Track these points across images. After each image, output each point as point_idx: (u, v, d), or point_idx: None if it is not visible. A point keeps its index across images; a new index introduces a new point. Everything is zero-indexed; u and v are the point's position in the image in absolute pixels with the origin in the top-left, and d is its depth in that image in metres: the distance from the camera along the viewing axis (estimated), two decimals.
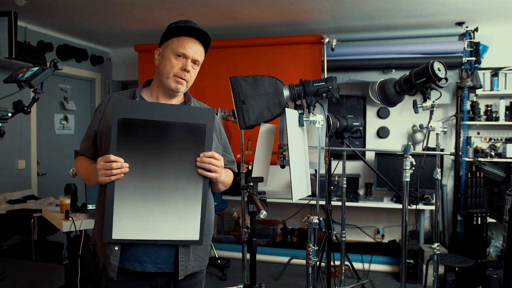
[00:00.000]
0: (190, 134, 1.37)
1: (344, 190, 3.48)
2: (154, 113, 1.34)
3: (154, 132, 1.34)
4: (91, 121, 1.59)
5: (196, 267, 1.53)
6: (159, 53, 1.54)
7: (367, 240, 4.61)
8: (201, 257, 1.55)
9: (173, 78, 1.50)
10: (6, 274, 2.62)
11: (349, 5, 3.44)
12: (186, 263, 1.48)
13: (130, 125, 1.33)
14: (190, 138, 1.37)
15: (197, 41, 1.52)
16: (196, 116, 1.37)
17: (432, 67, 2.28)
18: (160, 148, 1.36)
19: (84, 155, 1.56)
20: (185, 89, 1.56)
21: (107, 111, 1.52)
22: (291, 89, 2.36)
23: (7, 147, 3.81)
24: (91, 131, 1.54)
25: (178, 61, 1.49)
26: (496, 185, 4.01)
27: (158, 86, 1.55)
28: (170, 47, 1.50)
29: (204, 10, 3.59)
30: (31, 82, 1.42)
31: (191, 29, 1.49)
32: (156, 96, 1.55)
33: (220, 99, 4.12)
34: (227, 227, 5.07)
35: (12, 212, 3.33)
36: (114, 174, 1.32)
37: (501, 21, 3.87)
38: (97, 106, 1.59)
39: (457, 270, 3.30)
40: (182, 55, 1.49)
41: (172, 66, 1.49)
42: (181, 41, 1.49)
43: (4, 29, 3.17)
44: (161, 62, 1.51)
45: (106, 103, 1.55)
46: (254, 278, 1.77)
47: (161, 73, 1.51)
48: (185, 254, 1.47)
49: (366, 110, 4.61)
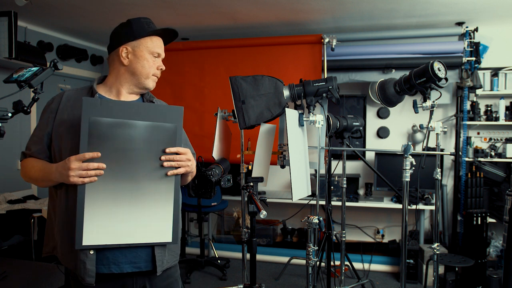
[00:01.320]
0: (160, 135, 1.36)
1: (344, 190, 3.48)
2: (123, 113, 1.32)
3: (124, 133, 1.32)
4: (40, 121, 1.49)
5: (171, 262, 1.54)
6: (127, 51, 1.49)
7: (367, 240, 4.61)
8: (174, 252, 1.56)
9: (152, 77, 1.53)
10: (6, 274, 2.62)
11: (349, 5, 3.44)
12: (163, 259, 1.48)
13: (100, 125, 1.29)
14: (160, 139, 1.36)
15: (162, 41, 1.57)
16: (165, 115, 1.37)
17: (432, 67, 2.28)
18: (131, 149, 1.33)
19: (36, 157, 1.46)
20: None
21: (61, 109, 1.45)
22: (291, 89, 2.36)
23: (7, 147, 3.81)
24: (43, 133, 1.45)
25: (155, 61, 1.52)
26: (496, 185, 4.01)
27: (123, 83, 1.51)
28: (145, 46, 1.49)
29: (204, 10, 3.59)
30: (31, 82, 1.42)
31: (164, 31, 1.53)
32: (117, 92, 1.51)
33: (220, 99, 4.12)
34: (227, 227, 5.07)
35: (12, 212, 3.33)
36: (90, 175, 1.28)
37: (501, 21, 3.87)
38: (46, 105, 1.50)
39: (457, 270, 3.30)
40: (157, 55, 1.53)
41: (151, 66, 1.51)
42: (155, 41, 1.52)
43: (4, 29, 3.17)
44: (137, 62, 1.49)
45: (58, 101, 1.47)
46: (254, 278, 1.77)
47: (139, 73, 1.49)
48: (162, 249, 1.47)
49: (366, 110, 4.61)
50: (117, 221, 1.34)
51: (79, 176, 1.28)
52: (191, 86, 4.38)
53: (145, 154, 1.35)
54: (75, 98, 1.47)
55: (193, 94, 4.38)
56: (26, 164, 1.47)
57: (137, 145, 1.34)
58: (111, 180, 1.32)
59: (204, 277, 3.99)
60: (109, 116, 1.30)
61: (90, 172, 1.28)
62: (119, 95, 1.51)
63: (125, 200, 1.34)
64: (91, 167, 1.28)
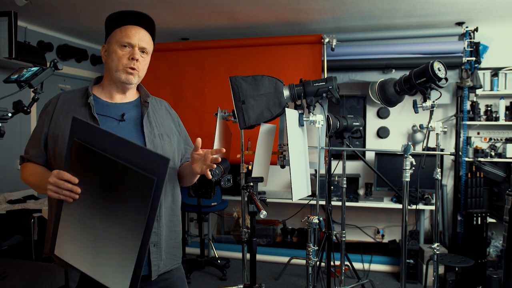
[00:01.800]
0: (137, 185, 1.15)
1: (344, 190, 3.48)
2: (105, 144, 1.18)
3: (102, 166, 1.19)
4: (37, 123, 1.47)
5: (170, 265, 1.50)
6: (105, 49, 1.46)
7: (367, 240, 4.61)
8: (173, 255, 1.51)
9: (123, 70, 1.41)
10: (6, 274, 2.61)
11: (349, 5, 3.44)
12: (159, 262, 1.43)
13: (83, 150, 1.22)
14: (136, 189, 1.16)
15: (142, 28, 1.45)
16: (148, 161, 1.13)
17: (432, 67, 2.28)
18: (107, 185, 1.20)
19: (34, 161, 1.44)
20: (137, 80, 1.47)
21: (56, 112, 1.43)
22: (291, 89, 2.37)
23: (7, 147, 3.81)
24: (40, 135, 1.43)
25: (124, 51, 1.41)
26: (496, 185, 4.01)
27: (110, 82, 1.47)
28: (114, 39, 1.43)
29: (204, 10, 3.59)
30: (31, 82, 1.42)
31: (131, 14, 1.41)
32: (109, 92, 1.47)
33: (220, 99, 4.12)
34: (227, 227, 5.07)
35: (12, 212, 3.33)
36: (63, 194, 1.21)
37: (501, 21, 3.87)
38: (43, 107, 1.48)
39: (457, 270, 3.30)
40: (127, 45, 1.41)
41: (119, 58, 1.40)
42: (124, 31, 1.42)
43: (4, 29, 3.17)
44: (108, 57, 1.43)
45: (54, 104, 1.45)
46: (254, 278, 1.77)
47: (110, 68, 1.43)
48: (157, 254, 1.43)
49: (366, 110, 4.61)
50: (82, 248, 1.26)
51: (54, 191, 1.22)
52: (191, 86, 4.37)
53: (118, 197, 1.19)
54: (71, 100, 1.45)
55: (193, 94, 4.38)
56: (25, 169, 1.45)
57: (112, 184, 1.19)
58: (84, 207, 1.23)
59: (204, 277, 3.99)
60: (91, 143, 1.20)
61: (64, 192, 1.21)
62: (112, 95, 1.48)
63: (92, 232, 1.23)
64: (64, 187, 1.20)
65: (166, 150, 1.48)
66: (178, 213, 1.56)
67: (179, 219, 1.57)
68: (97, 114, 1.41)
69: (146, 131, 1.45)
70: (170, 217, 1.51)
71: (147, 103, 1.51)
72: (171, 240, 1.51)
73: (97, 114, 1.41)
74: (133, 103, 1.52)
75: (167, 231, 1.48)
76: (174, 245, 1.52)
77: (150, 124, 1.48)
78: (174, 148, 1.54)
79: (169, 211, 1.50)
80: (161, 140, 1.48)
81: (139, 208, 1.15)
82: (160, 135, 1.49)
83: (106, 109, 1.45)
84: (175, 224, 1.53)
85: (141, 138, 1.44)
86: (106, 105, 1.46)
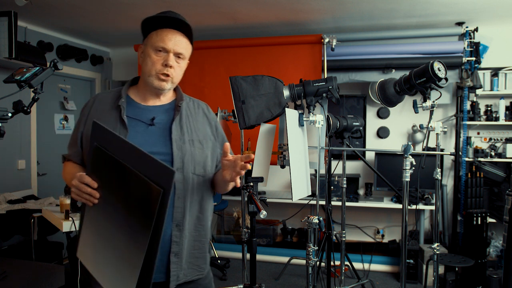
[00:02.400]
0: (144, 194, 1.13)
1: (344, 190, 3.48)
2: (119, 151, 1.19)
3: (116, 172, 1.20)
4: (76, 123, 1.49)
5: (191, 276, 1.42)
6: (141, 50, 1.43)
7: (367, 240, 4.61)
8: (196, 265, 1.44)
9: (156, 75, 1.37)
10: (6, 274, 2.61)
11: (349, 5, 3.44)
12: (178, 272, 1.37)
13: (101, 155, 1.23)
14: (143, 199, 1.13)
15: (179, 32, 1.39)
16: (156, 172, 1.10)
17: (432, 67, 2.28)
18: (118, 192, 1.20)
19: (72, 160, 1.47)
20: (171, 86, 1.43)
21: (92, 112, 1.43)
22: (291, 89, 2.37)
23: (7, 147, 3.81)
24: (77, 134, 1.44)
25: (159, 56, 1.37)
26: (496, 185, 4.01)
27: (144, 84, 1.44)
28: (150, 42, 1.38)
29: (204, 10, 3.59)
30: (31, 82, 1.42)
31: (168, 19, 1.36)
32: (144, 95, 1.45)
33: (220, 99, 4.12)
34: (227, 227, 5.07)
35: (12, 212, 3.33)
36: (83, 197, 1.23)
37: (501, 21, 3.87)
38: (83, 106, 1.49)
39: (457, 270, 3.30)
40: (162, 49, 1.36)
41: (153, 62, 1.36)
42: (159, 34, 1.37)
43: (4, 29, 3.17)
44: (143, 60, 1.40)
45: (91, 104, 1.45)
46: (254, 278, 1.77)
47: (144, 71, 1.40)
48: (177, 264, 1.37)
49: (366, 110, 4.61)
50: (95, 253, 1.27)
51: (76, 194, 1.24)
52: (191, 86, 4.37)
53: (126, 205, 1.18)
54: (105, 101, 1.44)
55: (193, 94, 4.30)
56: (65, 168, 1.48)
57: (122, 191, 1.19)
58: (100, 212, 1.25)
59: None
60: (109, 149, 1.21)
61: (84, 195, 1.23)
62: (145, 98, 1.45)
63: (104, 238, 1.24)
64: (84, 190, 1.22)
65: (195, 157, 1.42)
66: (206, 223, 1.49)
67: (207, 229, 1.50)
68: (127, 116, 1.38)
69: (174, 136, 1.39)
70: (196, 227, 1.44)
71: (180, 107, 1.45)
72: (195, 250, 1.45)
73: (127, 116, 1.38)
74: (166, 107, 1.47)
75: (190, 240, 1.42)
76: (197, 255, 1.45)
77: (181, 129, 1.42)
78: (207, 155, 1.47)
79: (194, 220, 1.44)
80: (191, 146, 1.42)
81: (144, 219, 1.12)
82: (191, 141, 1.42)
83: (138, 111, 1.42)
84: (201, 234, 1.46)
85: (169, 143, 1.39)
86: (138, 108, 1.43)
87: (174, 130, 1.40)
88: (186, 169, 1.39)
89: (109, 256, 1.21)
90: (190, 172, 1.40)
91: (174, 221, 1.36)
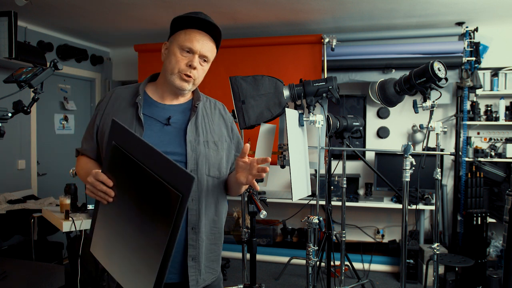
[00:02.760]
0: (162, 198, 1.12)
1: (344, 190, 3.48)
2: (137, 152, 1.17)
3: (134, 173, 1.18)
4: (92, 118, 1.46)
5: (208, 280, 1.43)
6: (166, 47, 1.42)
7: (367, 240, 4.61)
8: (212, 268, 1.45)
9: (178, 74, 1.36)
10: (6, 274, 2.61)
11: (349, 5, 3.44)
12: (197, 277, 1.37)
13: (119, 153, 1.22)
14: (161, 203, 1.12)
15: (207, 35, 1.39)
16: (174, 177, 1.10)
17: (432, 67, 2.28)
18: (135, 192, 1.19)
19: (87, 155, 1.45)
20: (191, 88, 1.41)
21: (108, 107, 1.41)
22: (291, 89, 2.37)
23: (7, 147, 3.81)
24: (93, 129, 1.42)
25: (184, 56, 1.35)
26: (496, 185, 4.01)
27: (164, 82, 1.41)
28: (177, 40, 1.36)
29: (204, 10, 3.55)
30: (31, 82, 1.42)
31: (199, 20, 1.36)
32: (162, 93, 1.43)
33: (220, 99, 4.07)
34: (227, 227, 5.06)
35: (12, 212, 3.33)
36: (98, 195, 1.22)
37: (501, 21, 3.87)
38: (98, 102, 1.47)
39: (457, 270, 3.30)
40: (189, 50, 1.35)
41: (177, 61, 1.35)
42: (188, 34, 1.35)
43: (4, 29, 3.17)
44: (167, 57, 1.38)
45: (108, 99, 1.43)
46: (254, 278, 1.77)
47: (166, 69, 1.38)
48: (195, 268, 1.36)
49: (366, 110, 4.61)
50: (111, 250, 1.26)
51: (91, 191, 1.23)
52: None
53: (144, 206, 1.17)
54: (122, 97, 1.42)
55: None
56: (78, 163, 1.46)
57: (140, 193, 1.18)
58: (117, 211, 1.24)
59: None
60: (127, 148, 1.19)
61: (99, 193, 1.21)
62: (163, 96, 1.43)
63: (121, 236, 1.24)
64: (99, 188, 1.21)
65: (210, 159, 1.40)
66: (221, 225, 1.49)
67: (221, 231, 1.50)
68: (143, 114, 1.36)
69: (189, 137, 1.37)
70: (212, 230, 1.43)
71: (196, 107, 1.44)
72: (211, 254, 1.44)
73: (143, 114, 1.36)
74: (183, 106, 1.45)
75: (207, 244, 1.41)
76: (213, 259, 1.45)
77: (196, 130, 1.40)
78: (221, 156, 1.45)
79: (210, 223, 1.43)
80: (206, 148, 1.40)
81: (162, 223, 1.11)
82: (206, 142, 1.41)
83: (154, 110, 1.40)
84: (216, 237, 1.46)
85: (183, 144, 1.37)
86: (155, 106, 1.41)
87: (189, 131, 1.39)
88: (200, 170, 1.37)
89: (125, 254, 1.22)
90: (204, 173, 1.39)
91: (189, 224, 1.35)
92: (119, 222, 1.23)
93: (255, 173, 1.28)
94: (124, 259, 1.22)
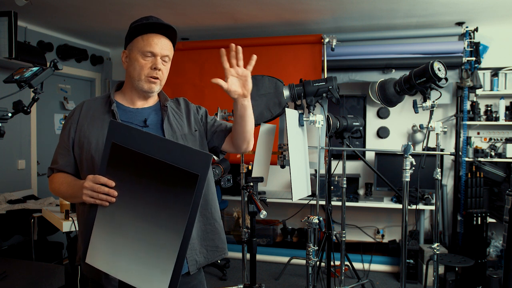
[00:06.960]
0: (179, 181, 1.17)
1: (344, 190, 3.48)
2: (145, 145, 1.20)
3: (143, 167, 1.21)
4: (62, 133, 1.47)
5: (212, 258, 1.52)
6: (126, 55, 1.47)
7: (367, 240, 4.61)
8: (214, 246, 1.52)
9: (145, 79, 1.42)
10: (6, 274, 2.62)
11: (349, 5, 3.44)
12: (195, 256, 1.44)
13: (121, 152, 1.22)
14: (178, 186, 1.18)
15: (163, 36, 1.44)
16: (191, 159, 1.16)
17: (432, 67, 2.28)
18: (147, 187, 1.21)
19: (63, 170, 1.45)
20: (159, 88, 1.48)
21: (81, 119, 1.44)
22: (291, 89, 2.37)
23: (7, 147, 3.81)
24: (68, 142, 1.44)
25: (147, 60, 1.41)
26: (496, 185, 4.01)
27: (131, 88, 1.47)
28: (136, 47, 1.42)
29: (204, 10, 3.60)
30: (31, 82, 1.42)
31: (153, 25, 1.42)
32: (131, 99, 1.49)
33: (220, 99, 4.12)
34: (227, 227, 5.06)
35: (12, 212, 3.33)
36: (99, 198, 1.23)
37: (501, 21, 3.87)
38: (67, 117, 1.49)
39: (457, 270, 3.30)
40: (150, 54, 1.41)
41: (142, 67, 1.41)
42: (146, 40, 1.40)
43: (4, 29, 3.17)
44: (130, 64, 1.44)
45: (79, 112, 1.47)
46: (254, 278, 1.77)
47: (132, 76, 1.43)
48: (191, 249, 1.42)
49: (366, 110, 4.61)
50: (117, 253, 1.26)
51: (90, 196, 1.24)
52: (191, 86, 4.37)
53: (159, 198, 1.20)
54: (94, 108, 1.47)
55: (193, 94, 4.38)
56: (55, 180, 1.44)
57: (153, 186, 1.20)
58: (121, 211, 1.24)
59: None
60: (131, 145, 1.21)
61: (101, 195, 1.23)
62: (133, 101, 1.49)
63: (129, 236, 1.24)
64: (101, 190, 1.23)
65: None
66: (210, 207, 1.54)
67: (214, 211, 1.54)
68: (121, 120, 1.42)
69: (167, 135, 1.45)
70: (201, 213, 1.50)
71: (166, 107, 1.51)
72: (208, 234, 1.51)
73: (121, 120, 1.42)
74: (154, 108, 1.52)
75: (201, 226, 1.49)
76: (212, 237, 1.52)
77: (171, 127, 1.49)
78: (200, 142, 1.55)
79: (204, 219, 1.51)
80: (185, 140, 1.49)
81: (181, 206, 1.17)
82: (183, 135, 1.49)
83: (129, 115, 1.46)
84: (208, 217, 1.52)
85: None
86: (129, 111, 1.47)
87: (166, 129, 1.47)
88: None
89: (139, 253, 1.23)
90: None
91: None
92: (125, 222, 1.24)
93: (241, 73, 1.54)
94: (134, 258, 1.23)
